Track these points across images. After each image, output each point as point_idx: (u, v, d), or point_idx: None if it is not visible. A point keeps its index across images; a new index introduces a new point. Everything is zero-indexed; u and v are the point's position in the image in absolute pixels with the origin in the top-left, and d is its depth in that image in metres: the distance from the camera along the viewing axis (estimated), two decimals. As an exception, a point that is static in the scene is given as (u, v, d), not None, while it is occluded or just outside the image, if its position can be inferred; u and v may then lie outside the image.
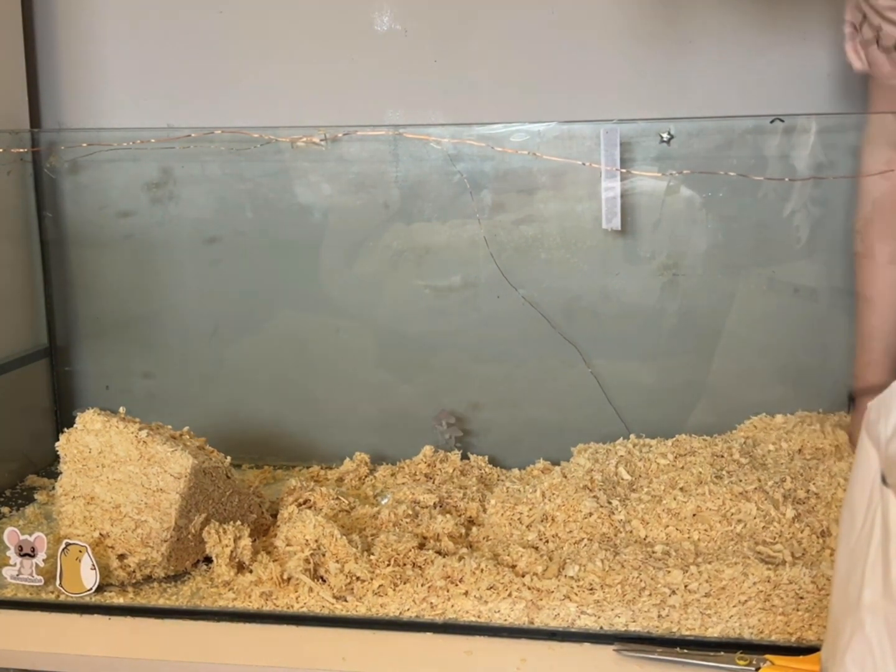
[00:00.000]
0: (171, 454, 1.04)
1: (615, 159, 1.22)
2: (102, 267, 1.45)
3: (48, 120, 1.45)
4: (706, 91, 1.31)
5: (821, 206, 1.27)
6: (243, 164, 1.37)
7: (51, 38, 1.43)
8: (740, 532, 1.06)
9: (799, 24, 1.28)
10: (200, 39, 1.40)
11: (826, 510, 1.10)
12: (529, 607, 0.95)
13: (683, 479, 1.14)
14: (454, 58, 1.36)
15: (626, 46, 1.32)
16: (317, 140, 1.30)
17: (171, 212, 1.41)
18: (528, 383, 1.37)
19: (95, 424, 1.07)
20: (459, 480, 1.27)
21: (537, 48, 1.34)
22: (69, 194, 1.43)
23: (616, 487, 1.16)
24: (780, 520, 1.07)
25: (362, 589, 0.99)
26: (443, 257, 1.35)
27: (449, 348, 1.39)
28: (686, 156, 1.26)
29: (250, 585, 1.01)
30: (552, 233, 1.32)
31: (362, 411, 1.43)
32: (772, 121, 1.24)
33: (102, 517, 1.04)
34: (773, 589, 0.93)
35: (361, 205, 1.36)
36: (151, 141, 1.34)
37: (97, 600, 1.02)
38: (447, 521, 1.10)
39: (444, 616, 0.96)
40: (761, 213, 1.28)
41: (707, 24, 1.30)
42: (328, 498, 1.18)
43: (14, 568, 1.03)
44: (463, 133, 1.29)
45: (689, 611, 0.93)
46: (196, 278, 1.43)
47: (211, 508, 1.08)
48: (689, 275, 1.31)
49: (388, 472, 1.32)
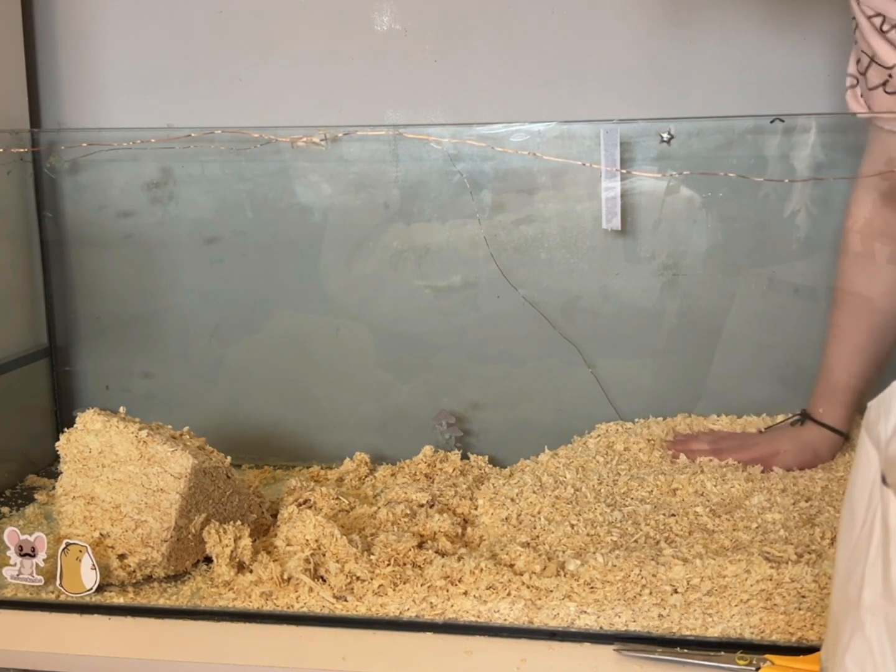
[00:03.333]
0: (171, 454, 1.04)
1: (615, 159, 1.22)
2: (102, 267, 1.45)
3: (48, 120, 1.45)
4: (706, 91, 1.31)
5: (821, 206, 1.27)
6: (243, 164, 1.37)
7: (51, 38, 1.43)
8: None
9: (799, 24, 1.28)
10: (200, 39, 1.40)
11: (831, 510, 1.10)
12: (529, 607, 0.95)
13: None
14: (454, 58, 1.36)
15: (626, 46, 1.32)
16: (317, 140, 1.30)
17: (171, 212, 1.41)
18: (527, 383, 1.37)
19: (95, 424, 1.07)
20: (455, 480, 1.27)
21: (537, 48, 1.34)
22: (69, 194, 1.43)
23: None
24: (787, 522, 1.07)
25: (362, 589, 0.99)
26: (443, 257, 1.35)
27: (449, 348, 1.39)
28: (686, 156, 1.26)
29: (250, 585, 1.00)
30: (552, 233, 1.32)
31: (362, 411, 1.43)
32: (772, 121, 1.24)
33: (102, 517, 1.04)
34: (776, 588, 0.93)
35: (361, 205, 1.36)
36: (151, 141, 1.34)
37: (97, 600, 1.02)
38: (444, 519, 1.10)
39: (443, 616, 0.96)
40: (761, 213, 1.28)
41: (707, 24, 1.30)
42: (328, 498, 1.17)
43: (14, 568, 1.03)
44: (463, 133, 1.29)
45: (690, 610, 0.93)
46: (196, 278, 1.43)
47: (211, 508, 1.08)
48: (689, 275, 1.31)
49: (388, 472, 1.32)
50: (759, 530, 1.06)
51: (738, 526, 1.07)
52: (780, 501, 1.11)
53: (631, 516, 1.10)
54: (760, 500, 1.11)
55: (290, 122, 1.35)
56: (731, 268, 1.30)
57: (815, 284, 1.29)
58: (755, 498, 1.12)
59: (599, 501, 1.13)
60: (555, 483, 1.18)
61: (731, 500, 1.13)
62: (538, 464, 1.25)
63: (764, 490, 1.14)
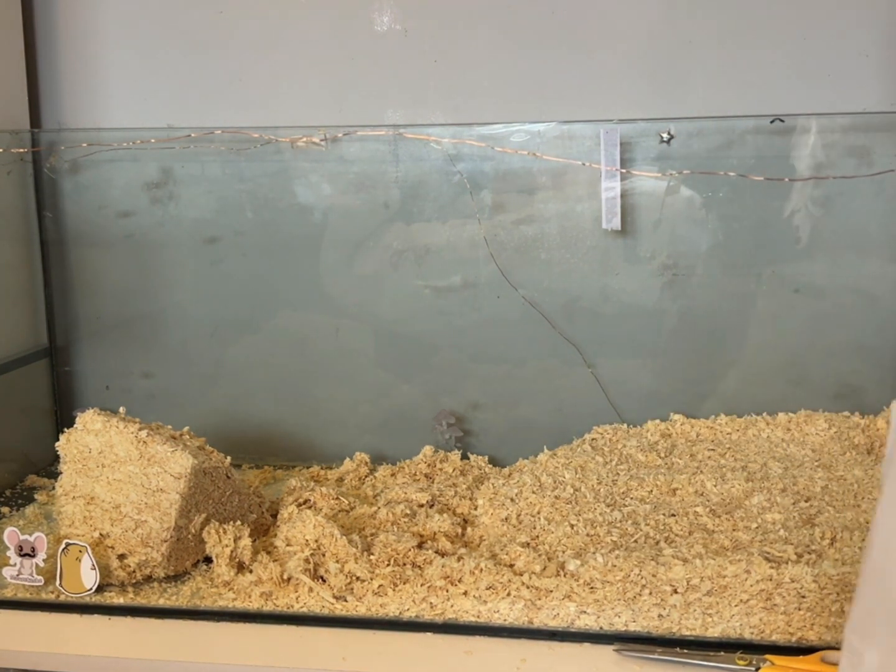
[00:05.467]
0: (171, 454, 1.04)
1: (615, 159, 1.22)
2: (102, 267, 1.45)
3: (48, 120, 1.45)
4: (706, 91, 1.31)
5: (821, 206, 1.27)
6: (243, 164, 1.37)
7: (51, 38, 1.43)
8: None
9: (799, 24, 1.28)
10: (200, 39, 1.40)
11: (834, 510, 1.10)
12: (529, 607, 0.95)
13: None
14: (454, 58, 1.36)
15: (626, 46, 1.32)
16: (317, 140, 1.30)
17: (171, 212, 1.41)
18: (527, 383, 1.37)
19: (95, 424, 1.07)
20: (455, 480, 1.27)
21: (537, 48, 1.34)
22: (69, 194, 1.43)
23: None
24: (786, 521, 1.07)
25: (362, 589, 0.99)
26: (443, 257, 1.35)
27: (449, 348, 1.39)
28: (686, 156, 1.26)
29: (250, 585, 1.00)
30: (552, 233, 1.32)
31: (362, 411, 1.43)
32: (772, 121, 1.24)
33: (102, 517, 1.04)
34: (776, 588, 0.93)
35: (361, 205, 1.36)
36: (151, 141, 1.34)
37: (97, 600, 1.02)
38: (444, 519, 1.10)
39: (443, 616, 0.96)
40: (761, 213, 1.28)
41: (707, 24, 1.30)
42: (328, 498, 1.17)
43: (14, 568, 1.03)
44: (463, 133, 1.29)
45: (690, 610, 0.93)
46: (196, 278, 1.43)
47: (211, 508, 1.08)
48: (689, 275, 1.31)
49: (388, 472, 1.32)
50: (759, 530, 1.06)
51: (738, 526, 1.07)
52: (780, 501, 1.11)
53: (631, 516, 1.10)
54: (760, 500, 1.11)
55: (290, 122, 1.35)
56: (731, 268, 1.30)
57: (815, 284, 1.29)
58: (755, 498, 1.12)
59: (599, 501, 1.13)
60: (554, 483, 1.18)
61: (731, 500, 1.13)
62: (537, 464, 1.25)
63: (764, 490, 1.14)
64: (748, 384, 1.33)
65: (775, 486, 1.15)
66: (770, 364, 1.32)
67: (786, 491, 1.14)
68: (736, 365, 1.33)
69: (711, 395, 1.34)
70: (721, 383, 1.33)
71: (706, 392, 1.34)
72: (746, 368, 1.33)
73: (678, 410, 1.34)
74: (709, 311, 1.32)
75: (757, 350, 1.32)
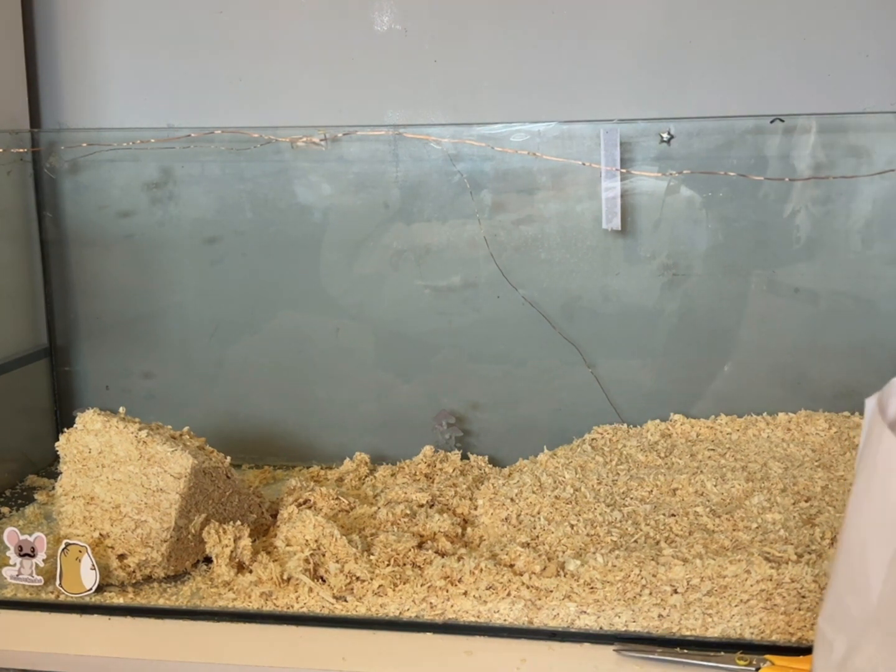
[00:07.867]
0: (171, 454, 1.04)
1: (615, 159, 1.22)
2: (102, 267, 1.45)
3: (48, 120, 1.45)
4: (706, 91, 1.31)
5: (821, 206, 1.27)
6: (243, 164, 1.37)
7: (51, 38, 1.43)
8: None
9: (799, 24, 1.28)
10: (200, 39, 1.40)
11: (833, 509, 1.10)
12: (529, 607, 0.95)
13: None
14: (454, 58, 1.36)
15: (625, 46, 1.32)
16: (317, 140, 1.30)
17: (171, 212, 1.41)
18: (527, 383, 1.37)
19: (95, 424, 1.07)
20: (455, 480, 1.27)
21: (537, 48, 1.34)
22: (69, 194, 1.43)
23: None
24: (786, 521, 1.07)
25: (362, 589, 0.99)
26: (443, 257, 1.35)
27: (449, 348, 1.39)
28: (686, 156, 1.26)
29: (250, 585, 1.00)
30: (552, 233, 1.32)
31: (362, 411, 1.43)
32: (772, 121, 1.24)
33: (102, 517, 1.04)
34: (776, 588, 0.93)
35: (361, 205, 1.36)
36: (151, 141, 1.34)
37: (97, 600, 1.02)
38: (444, 520, 1.10)
39: (443, 616, 0.96)
40: (761, 213, 1.28)
41: (707, 24, 1.30)
42: (328, 498, 1.17)
43: (14, 568, 1.03)
44: (463, 133, 1.29)
45: (690, 610, 0.93)
46: (196, 278, 1.43)
47: (211, 508, 1.08)
48: (689, 275, 1.31)
49: (388, 472, 1.32)
50: (759, 530, 1.05)
51: (738, 526, 1.07)
52: (780, 501, 1.11)
53: (631, 516, 1.10)
54: (760, 500, 1.11)
55: (290, 122, 1.35)
56: (730, 268, 1.30)
57: (815, 284, 1.29)
58: (755, 498, 1.12)
59: (599, 501, 1.13)
60: (554, 483, 1.18)
61: (731, 500, 1.13)
62: (537, 464, 1.25)
63: (764, 490, 1.14)
64: (748, 384, 1.33)
65: (775, 486, 1.15)
66: (770, 364, 1.32)
67: (786, 491, 1.14)
68: (736, 365, 1.33)
69: (711, 395, 1.34)
70: (721, 383, 1.33)
71: (706, 392, 1.34)
72: (746, 368, 1.33)
73: (678, 410, 1.34)
74: (709, 311, 1.32)
75: (757, 350, 1.32)
